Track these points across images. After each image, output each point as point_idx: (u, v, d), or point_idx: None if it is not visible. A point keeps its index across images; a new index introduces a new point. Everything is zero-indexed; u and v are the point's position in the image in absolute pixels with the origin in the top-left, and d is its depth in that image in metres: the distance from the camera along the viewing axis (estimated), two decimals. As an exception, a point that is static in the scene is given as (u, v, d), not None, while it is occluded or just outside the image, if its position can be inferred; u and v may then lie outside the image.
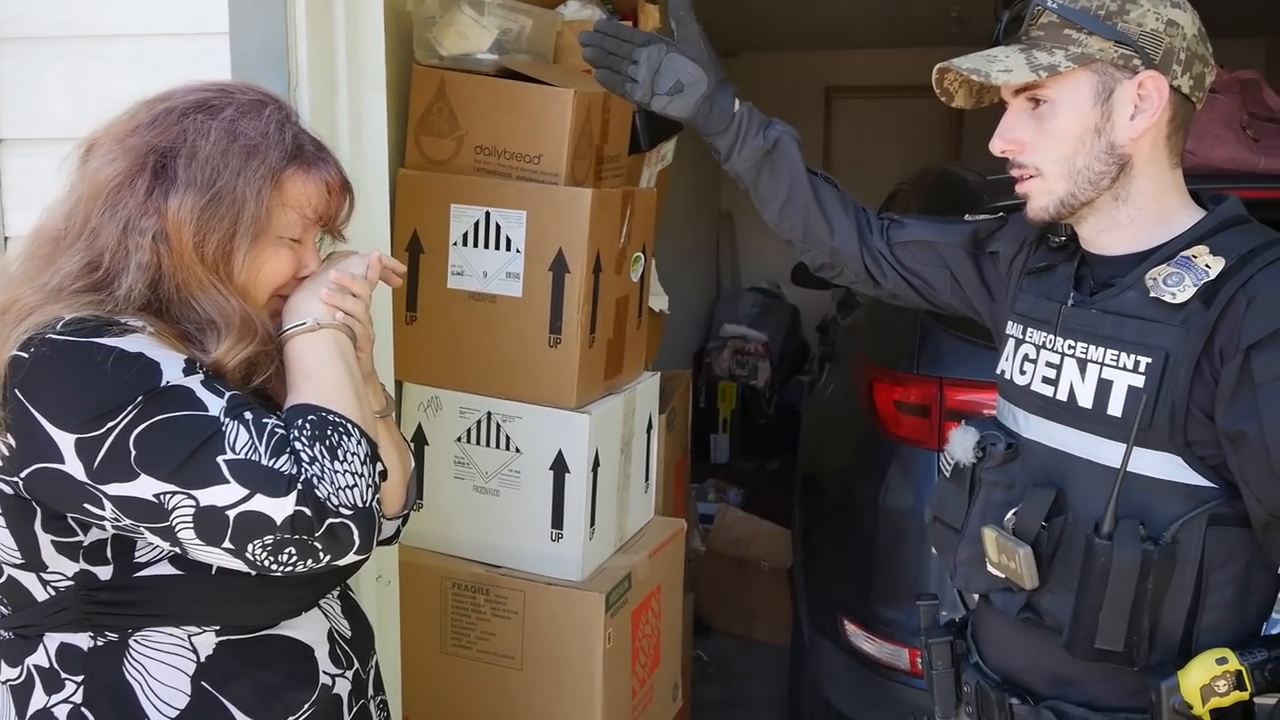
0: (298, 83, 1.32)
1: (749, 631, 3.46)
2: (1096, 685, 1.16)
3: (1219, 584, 1.08)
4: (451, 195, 1.90)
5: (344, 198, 1.11)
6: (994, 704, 1.23)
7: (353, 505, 0.96)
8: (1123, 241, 1.16)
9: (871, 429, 2.26)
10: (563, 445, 1.89)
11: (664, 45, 1.34)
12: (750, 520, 3.55)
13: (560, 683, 1.89)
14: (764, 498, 4.18)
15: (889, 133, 6.19)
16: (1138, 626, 1.08)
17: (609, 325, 1.99)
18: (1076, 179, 1.13)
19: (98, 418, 0.92)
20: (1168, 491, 1.08)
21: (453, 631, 1.95)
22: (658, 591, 2.13)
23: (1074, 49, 1.10)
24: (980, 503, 1.22)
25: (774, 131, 1.39)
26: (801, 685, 2.67)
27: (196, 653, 1.02)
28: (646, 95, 1.35)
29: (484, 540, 1.96)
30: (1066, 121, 1.12)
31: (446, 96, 1.91)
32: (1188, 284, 1.07)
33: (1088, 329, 1.14)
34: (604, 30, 1.35)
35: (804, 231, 1.42)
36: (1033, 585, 1.13)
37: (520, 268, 1.88)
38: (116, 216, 1.00)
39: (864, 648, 2.22)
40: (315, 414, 0.99)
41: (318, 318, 1.06)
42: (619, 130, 2.05)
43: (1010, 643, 1.25)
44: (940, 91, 1.23)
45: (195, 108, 1.03)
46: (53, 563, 1.00)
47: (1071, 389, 1.15)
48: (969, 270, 1.38)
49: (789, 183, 1.39)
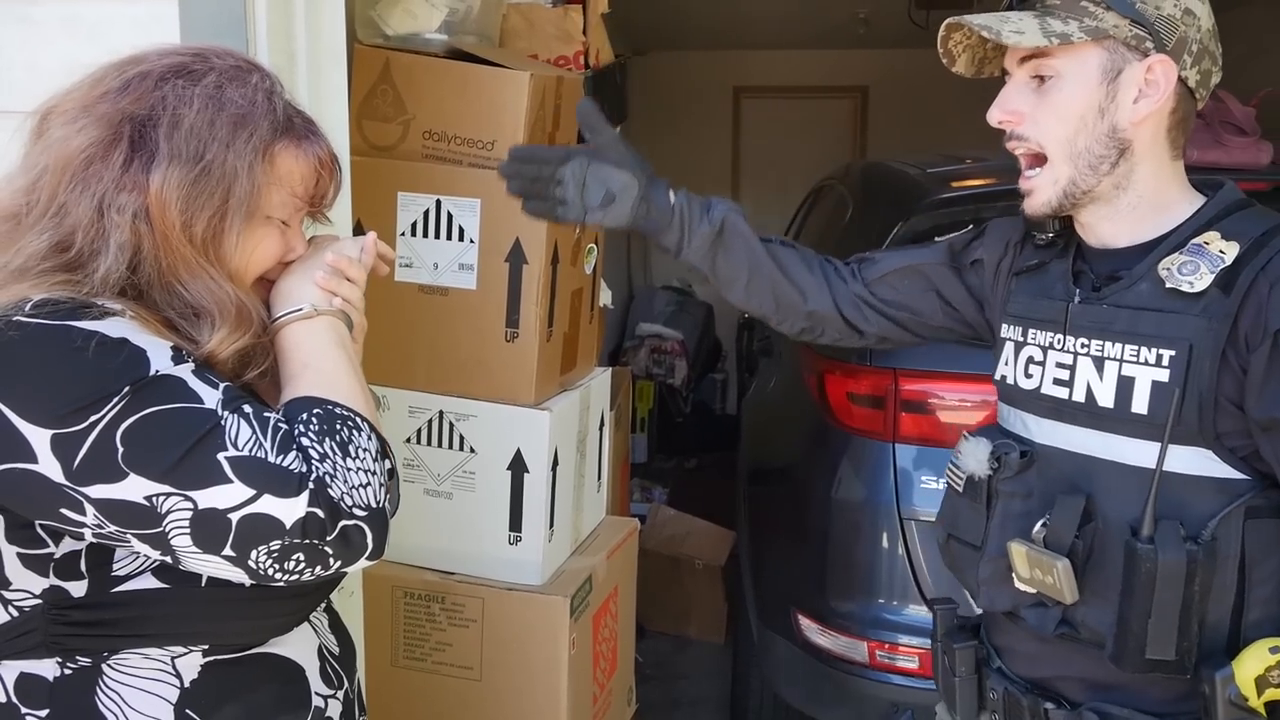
0: (256, 52, 1.21)
1: (683, 631, 3.42)
2: (1140, 690, 1.12)
3: (1261, 579, 1.05)
4: (398, 183, 1.81)
5: (333, 176, 1.02)
6: (1025, 710, 1.18)
7: (366, 505, 0.87)
8: (1125, 232, 1.14)
9: (823, 422, 2.25)
10: (521, 444, 1.82)
11: (584, 157, 1.25)
12: (683, 518, 3.52)
13: (523, 692, 1.81)
14: (686, 496, 4.16)
15: (797, 132, 6.26)
16: (1187, 632, 1.04)
17: (565, 319, 1.92)
18: (1077, 162, 1.10)
19: (77, 410, 0.81)
20: (1201, 487, 1.05)
21: (405, 643, 1.85)
22: (615, 593, 2.07)
23: (1089, 21, 1.07)
24: (999, 516, 1.17)
25: (717, 212, 1.31)
26: (748, 683, 2.64)
27: (180, 677, 0.91)
28: (580, 213, 1.26)
29: (436, 546, 1.86)
30: (1070, 96, 1.09)
31: (392, 78, 1.81)
32: (1204, 272, 1.04)
33: (1101, 325, 1.10)
34: (519, 157, 1.26)
35: (775, 304, 1.35)
36: (1073, 599, 1.08)
37: (474, 259, 1.80)
38: (89, 191, 0.88)
39: (819, 642, 2.20)
40: (321, 407, 0.90)
41: (315, 303, 0.97)
42: (569, 117, 1.98)
43: (1039, 654, 1.19)
44: (944, 53, 1.18)
45: (173, 72, 0.92)
46: (17, 579, 0.88)
47: (1089, 389, 1.11)
48: (954, 285, 1.33)
49: (747, 260, 1.32)
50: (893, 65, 5.74)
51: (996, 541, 1.16)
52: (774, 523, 2.47)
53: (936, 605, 1.33)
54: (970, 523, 1.21)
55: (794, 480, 2.38)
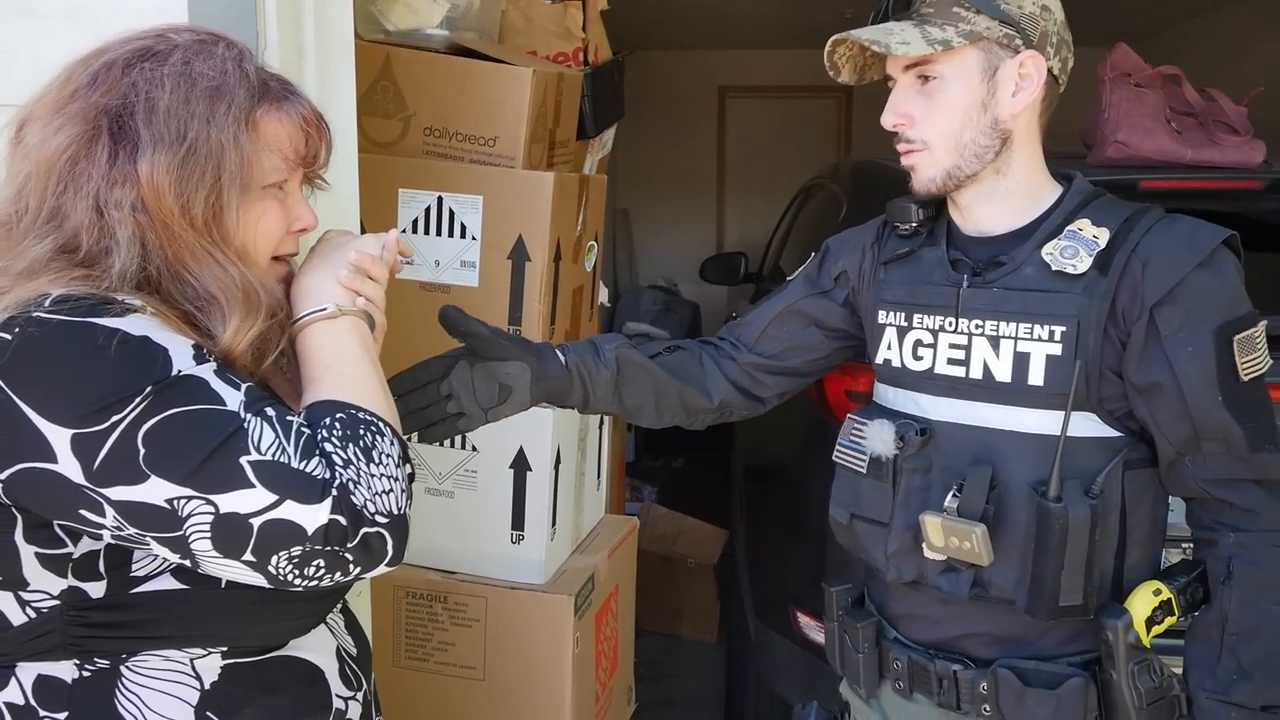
0: (266, 45, 1.20)
1: (675, 630, 3.42)
2: (1033, 640, 1.21)
3: (1137, 523, 1.17)
4: (399, 179, 1.79)
5: (321, 134, 0.98)
6: (932, 675, 1.25)
7: (388, 512, 0.86)
8: (1002, 217, 1.21)
9: (821, 420, 2.25)
10: (524, 442, 1.81)
11: (465, 362, 1.23)
12: (674, 517, 3.51)
13: (526, 692, 1.80)
14: (675, 495, 4.15)
15: (781, 132, 6.27)
16: (1091, 578, 1.14)
17: (566, 316, 1.92)
18: (963, 152, 1.18)
19: (99, 410, 0.79)
20: (1090, 447, 1.15)
21: (407, 643, 1.83)
22: (616, 592, 2.07)
23: (963, 26, 1.15)
24: (902, 493, 1.23)
25: (608, 353, 1.32)
26: (745, 681, 2.64)
27: (200, 679, 0.90)
28: (481, 418, 1.24)
29: (438, 545, 1.85)
30: (955, 96, 1.16)
31: (393, 74, 1.80)
32: (1083, 255, 1.14)
33: (993, 307, 1.18)
34: (399, 388, 1.20)
35: (686, 412, 1.39)
36: (990, 561, 1.16)
37: (476, 256, 1.79)
38: (83, 192, 0.86)
39: (818, 639, 2.20)
40: (344, 411, 0.88)
41: (338, 303, 0.95)
42: (569, 114, 1.98)
43: (943, 617, 1.26)
44: (830, 65, 1.25)
45: (138, 56, 0.90)
46: (36, 580, 0.86)
47: (986, 366, 1.19)
48: (828, 308, 1.38)
49: (651, 384, 1.35)
50: (877, 65, 5.76)
51: (905, 516, 1.22)
52: (772, 521, 2.47)
53: (833, 587, 1.38)
54: (875, 501, 1.25)
55: (792, 478, 2.38)
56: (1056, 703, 1.18)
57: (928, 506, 1.20)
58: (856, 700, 1.40)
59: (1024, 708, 1.19)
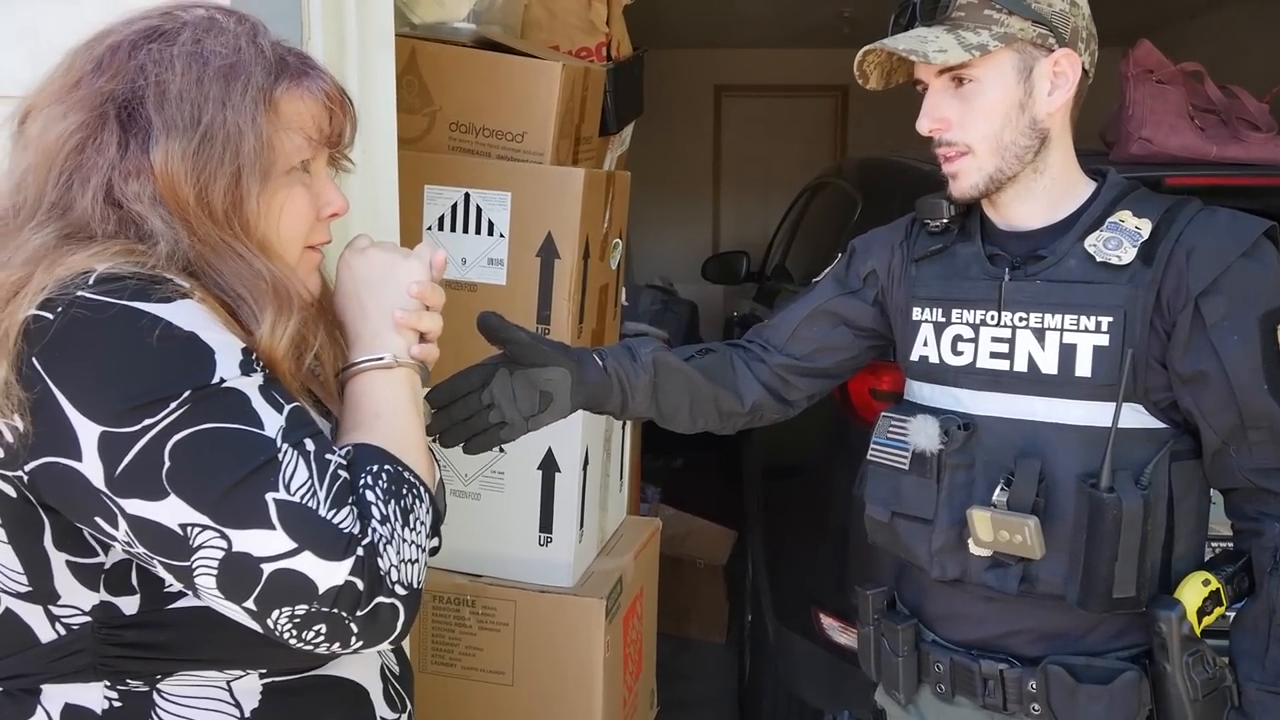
0: (310, 35, 1.17)
1: (684, 631, 3.39)
2: (1085, 634, 1.20)
3: (1184, 514, 1.17)
4: (425, 175, 1.76)
5: (345, 111, 0.92)
6: (977, 676, 1.24)
7: (408, 584, 0.79)
8: (1038, 213, 1.22)
9: (843, 419, 2.23)
10: (553, 443, 1.78)
11: (505, 370, 1.20)
12: (683, 517, 3.49)
13: (556, 697, 1.77)
14: (676, 495, 4.13)
15: (777, 131, 6.26)
16: (1144, 569, 1.14)
17: (593, 315, 1.89)
18: (1004, 154, 1.18)
19: (134, 409, 0.74)
20: (1137, 439, 1.15)
21: (434, 648, 1.80)
22: (641, 595, 2.04)
23: (997, 29, 1.14)
24: (946, 488, 1.22)
25: (645, 356, 1.30)
26: (761, 683, 2.62)
27: (239, 705, 0.84)
28: (522, 426, 1.21)
29: (463, 548, 1.82)
30: (993, 99, 1.16)
31: (418, 68, 1.76)
32: (1127, 246, 1.15)
33: (1037, 299, 1.18)
34: (441, 401, 1.17)
35: (719, 416, 1.37)
36: (1042, 554, 1.15)
37: (504, 253, 1.76)
38: (89, 183, 0.81)
39: (841, 640, 2.18)
40: (392, 465, 0.83)
41: (395, 354, 0.90)
42: (594, 110, 1.95)
43: (986, 615, 1.25)
44: (859, 74, 1.25)
45: (145, 37, 0.84)
46: (67, 592, 0.80)
47: (1031, 358, 1.18)
48: (858, 308, 1.37)
49: (686, 388, 1.33)
50: (873, 64, 5.76)
51: (947, 512, 1.21)
52: (792, 521, 2.45)
53: (867, 590, 1.36)
54: (918, 498, 1.24)
55: (813, 478, 2.36)
56: (1109, 698, 1.17)
57: (971, 502, 1.19)
58: (893, 706, 1.38)
59: (1076, 705, 1.18)
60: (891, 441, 1.27)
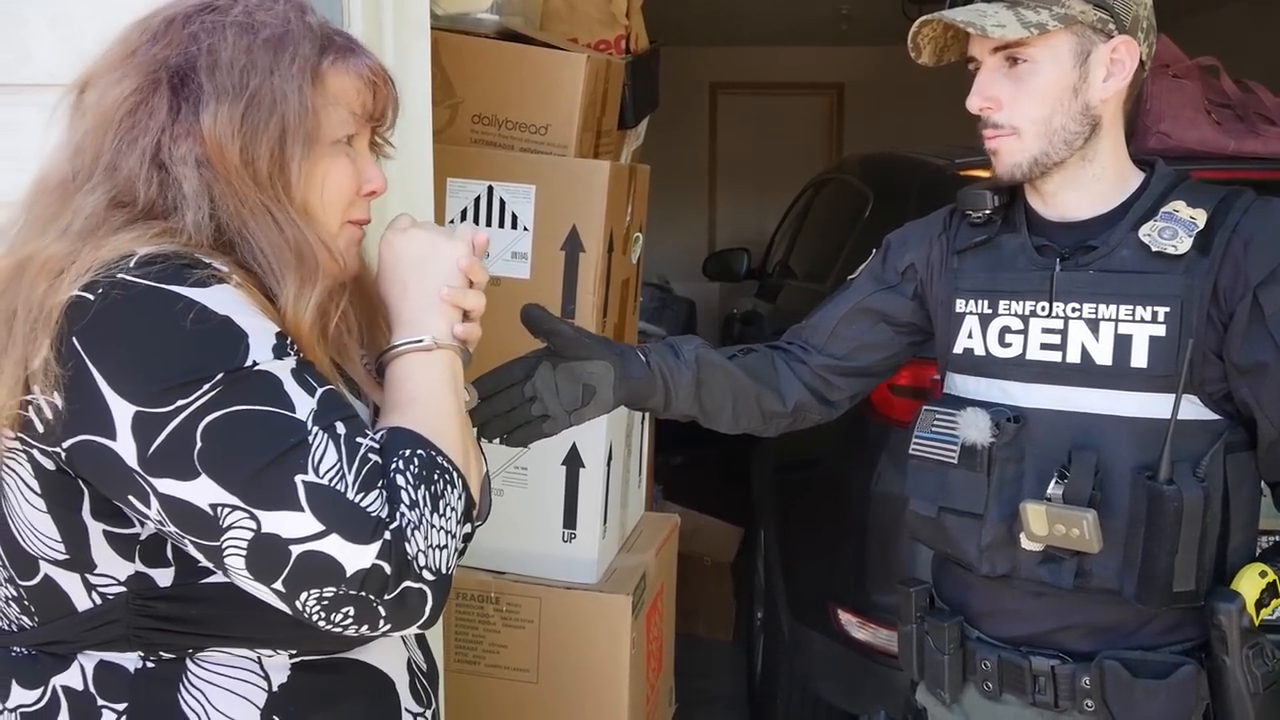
0: (350, 21, 1.15)
1: (691, 629, 3.37)
2: (1138, 629, 1.19)
3: (1239, 506, 1.15)
4: (448, 168, 1.74)
5: (389, 90, 0.94)
6: (1027, 673, 1.22)
7: (436, 569, 0.80)
8: (1086, 203, 1.20)
9: (861, 414, 2.21)
10: (577, 438, 1.76)
11: (549, 362, 1.18)
12: (689, 514, 3.46)
13: (582, 694, 1.75)
14: (676, 492, 4.12)
15: (774, 129, 6.26)
16: (1203, 562, 1.12)
17: (616, 309, 1.87)
18: (1052, 138, 1.16)
19: (167, 390, 0.75)
20: (1193, 430, 1.14)
21: (457, 646, 1.78)
22: (662, 591, 2.03)
23: (1058, 9, 1.13)
24: (996, 482, 1.20)
25: (688, 354, 1.28)
26: (776, 680, 2.61)
27: (269, 679, 0.85)
28: (566, 420, 1.20)
29: (486, 544, 1.80)
30: (1047, 80, 1.15)
31: (440, 59, 1.74)
32: (1183, 236, 1.13)
33: (1090, 290, 1.17)
34: (485, 392, 1.16)
35: (762, 416, 1.35)
36: (1100, 548, 1.13)
37: (528, 247, 1.74)
38: (138, 144, 0.83)
39: (860, 636, 2.17)
40: (425, 450, 0.83)
41: (436, 335, 0.90)
42: (613, 103, 1.94)
43: (1035, 611, 1.23)
44: (912, 47, 1.23)
45: (198, 10, 0.87)
46: (103, 562, 0.81)
47: (1084, 349, 1.17)
48: (897, 303, 1.36)
49: (730, 387, 1.31)
50: (868, 62, 5.77)
51: (997, 507, 1.19)
52: (808, 517, 2.44)
53: (910, 587, 1.34)
54: (968, 492, 1.22)
55: (830, 474, 2.35)
56: (1166, 693, 1.15)
57: (1021, 495, 1.17)
58: (936, 706, 1.35)
59: (1133, 700, 1.16)
60: (938, 435, 1.24)
